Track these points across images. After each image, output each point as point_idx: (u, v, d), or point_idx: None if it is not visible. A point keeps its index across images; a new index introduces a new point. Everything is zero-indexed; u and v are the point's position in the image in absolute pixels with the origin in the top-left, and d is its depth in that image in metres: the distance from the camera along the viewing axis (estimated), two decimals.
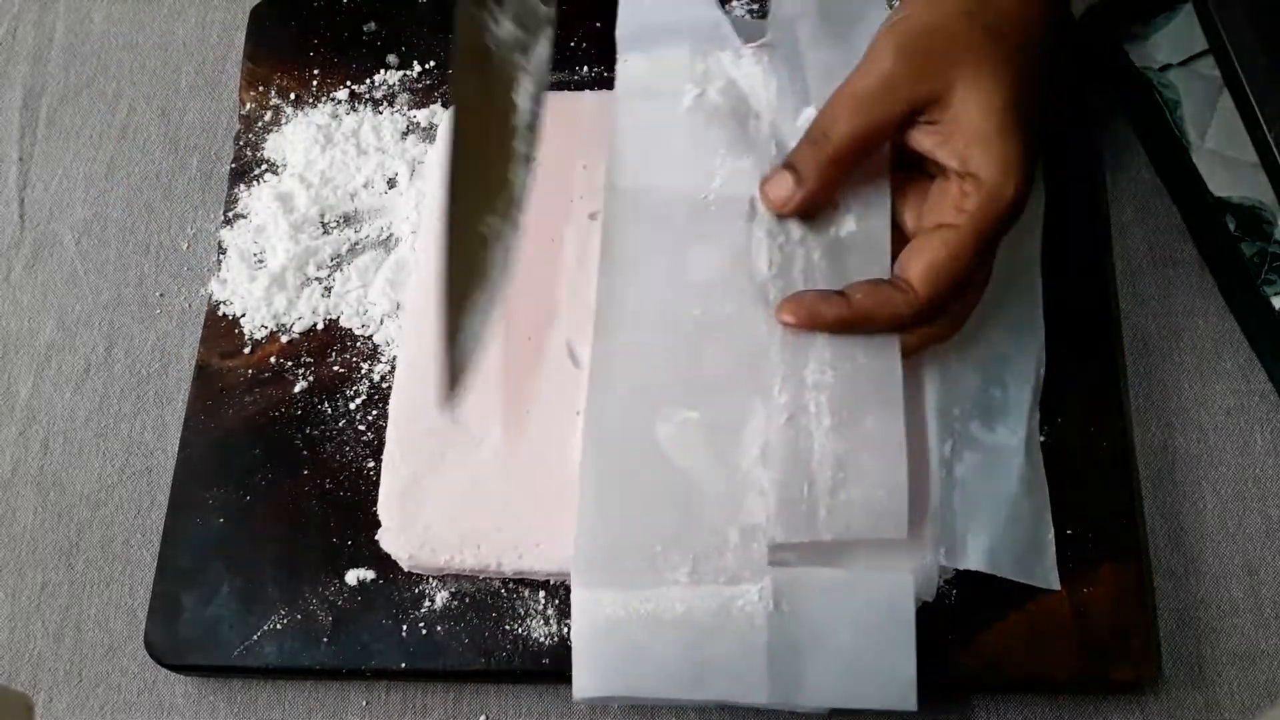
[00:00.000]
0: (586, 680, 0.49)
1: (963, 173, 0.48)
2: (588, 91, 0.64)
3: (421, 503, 0.54)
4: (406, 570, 0.54)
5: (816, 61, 0.55)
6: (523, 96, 0.49)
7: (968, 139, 0.48)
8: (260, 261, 0.62)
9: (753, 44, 0.57)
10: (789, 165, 0.51)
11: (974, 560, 0.51)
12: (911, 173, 0.52)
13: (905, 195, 0.52)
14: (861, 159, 0.50)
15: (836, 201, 0.52)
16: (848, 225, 0.52)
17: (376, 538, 0.54)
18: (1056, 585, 0.53)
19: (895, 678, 0.49)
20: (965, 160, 0.48)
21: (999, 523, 0.52)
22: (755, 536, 0.49)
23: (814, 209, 0.52)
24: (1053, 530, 0.53)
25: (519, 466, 0.55)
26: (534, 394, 0.56)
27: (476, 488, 0.54)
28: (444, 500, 0.54)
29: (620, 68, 0.58)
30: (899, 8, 0.51)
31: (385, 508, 0.54)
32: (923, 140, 0.50)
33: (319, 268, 0.62)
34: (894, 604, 0.49)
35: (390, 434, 0.56)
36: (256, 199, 0.64)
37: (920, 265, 0.49)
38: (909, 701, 0.48)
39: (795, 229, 0.53)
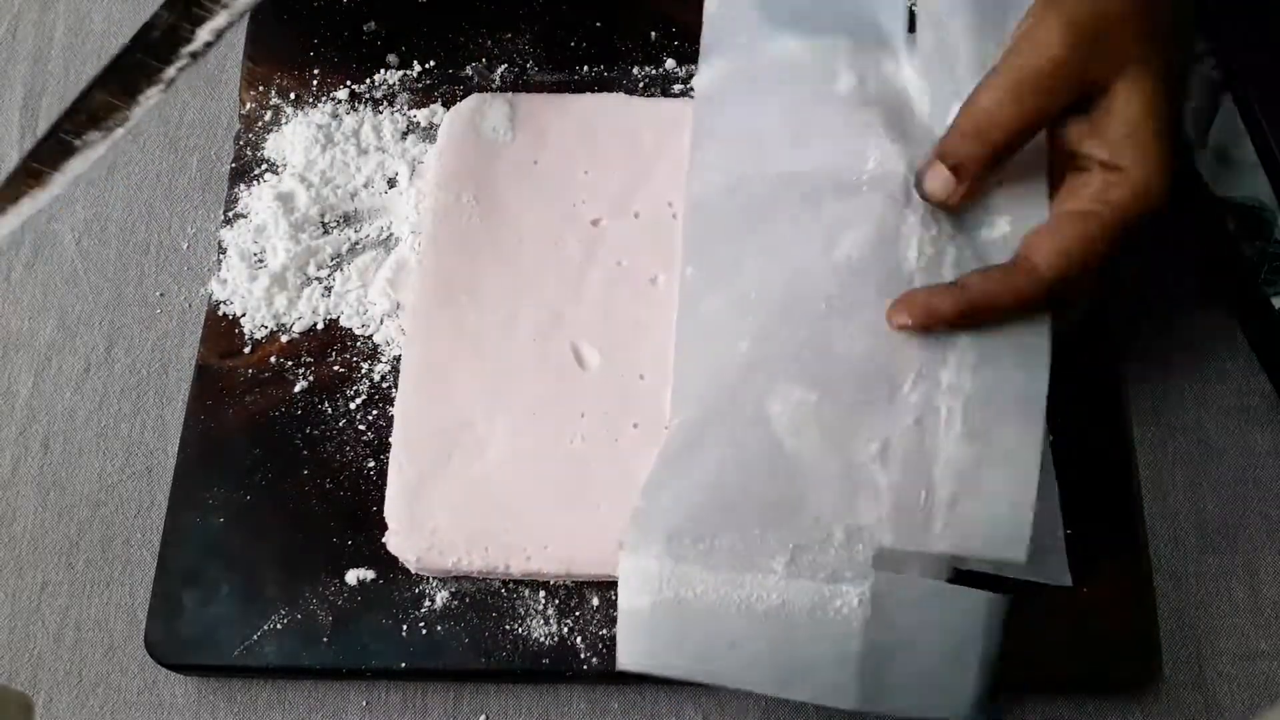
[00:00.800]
0: (643, 651, 0.47)
1: (1110, 165, 0.47)
2: (589, 95, 0.64)
3: (428, 505, 0.54)
4: (414, 572, 0.54)
5: (970, 55, 0.53)
6: (206, 30, 0.46)
7: (1124, 133, 0.46)
8: (260, 261, 0.62)
9: (907, 39, 0.56)
10: (946, 156, 0.49)
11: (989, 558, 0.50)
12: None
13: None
14: (1020, 149, 0.48)
15: (989, 198, 0.51)
16: (1000, 226, 0.50)
17: (383, 540, 0.54)
18: (1068, 581, 0.52)
19: (972, 691, 0.48)
20: (1117, 154, 0.47)
21: None
22: (863, 538, 0.47)
23: (971, 202, 0.50)
24: (1063, 528, 0.53)
25: (525, 468, 0.55)
26: (539, 396, 0.56)
27: (483, 490, 0.54)
28: (451, 502, 0.54)
29: (767, 46, 0.57)
30: None
31: (392, 510, 0.54)
32: (1068, 129, 0.48)
33: (319, 267, 0.62)
34: (988, 618, 0.48)
35: (396, 435, 0.56)
36: (256, 199, 0.64)
37: (1050, 247, 0.47)
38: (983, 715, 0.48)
39: (948, 223, 0.51)
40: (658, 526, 0.48)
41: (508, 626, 0.53)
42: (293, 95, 0.66)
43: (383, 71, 0.67)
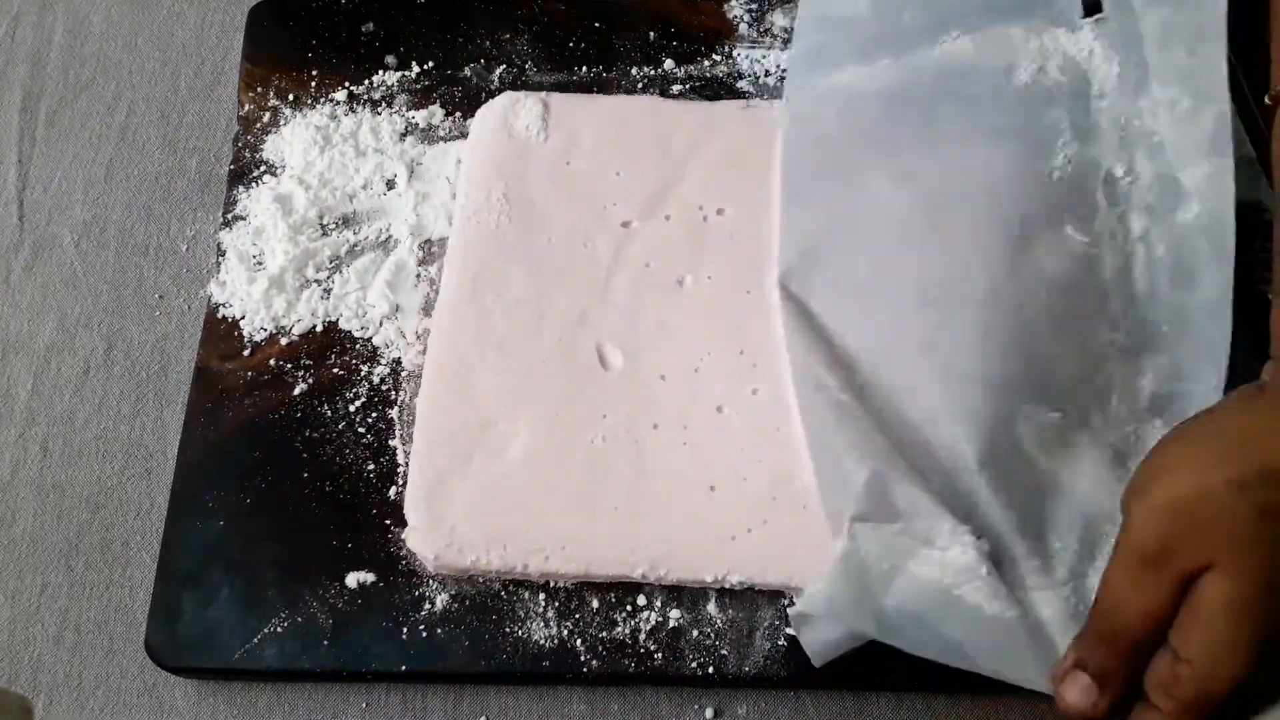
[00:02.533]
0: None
1: (1179, 654, 0.43)
2: (622, 95, 0.65)
3: (449, 503, 0.54)
4: (432, 571, 0.54)
5: (1153, 27, 0.53)
6: None
7: (1196, 623, 0.43)
8: (259, 263, 0.62)
9: (1089, 19, 0.56)
10: (1084, 665, 0.45)
11: None
12: None
13: None
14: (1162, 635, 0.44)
15: (1182, 185, 0.53)
16: (1192, 207, 0.52)
17: (403, 536, 0.54)
18: None
19: None
20: (1184, 643, 0.43)
21: None
22: (1101, 547, 0.49)
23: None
24: None
25: (546, 468, 0.55)
26: (562, 396, 0.56)
27: (504, 489, 0.54)
28: (471, 501, 0.54)
29: (941, 49, 0.58)
30: (1154, 461, 0.45)
31: (412, 507, 0.54)
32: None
33: (318, 270, 0.62)
34: None
35: (418, 432, 0.56)
36: (255, 201, 0.64)
37: None
38: None
39: (1136, 223, 0.53)
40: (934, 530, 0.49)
41: (508, 629, 0.53)
42: (291, 97, 0.66)
43: (381, 73, 0.67)
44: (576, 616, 0.53)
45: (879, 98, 0.59)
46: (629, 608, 0.54)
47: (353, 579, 0.54)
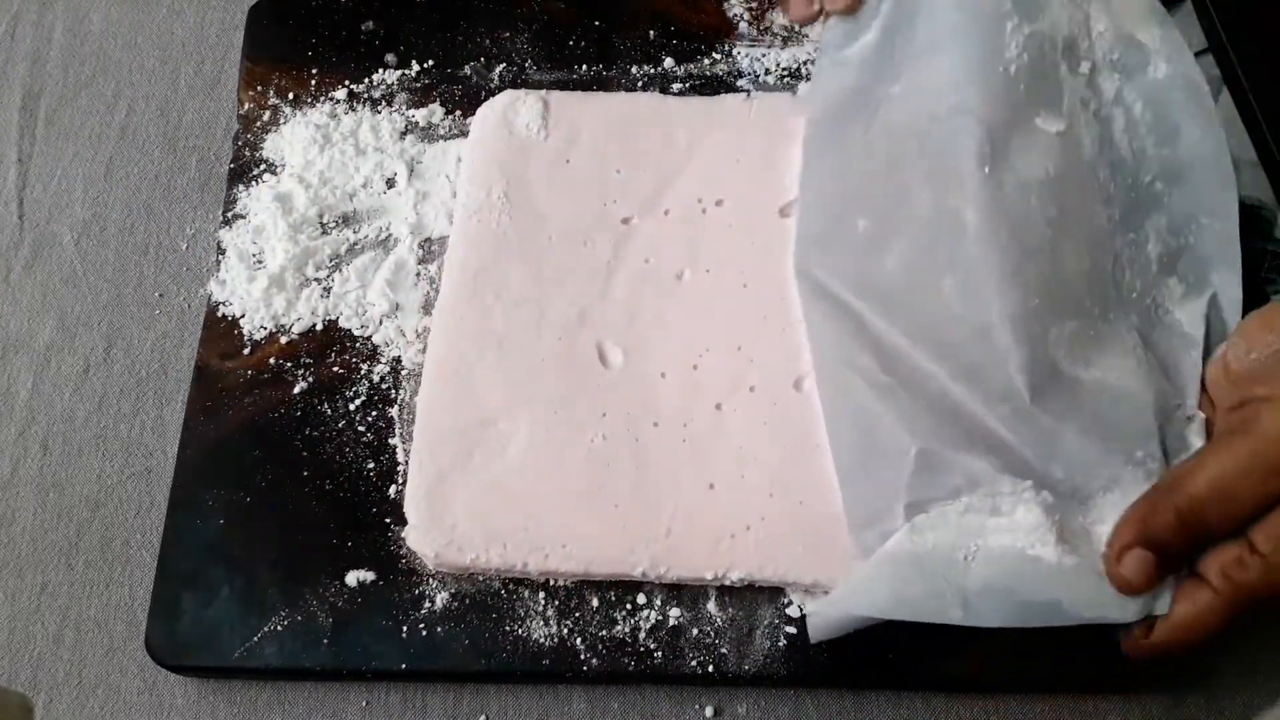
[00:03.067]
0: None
1: (1254, 545, 0.46)
2: (623, 93, 0.65)
3: (449, 501, 0.54)
4: (432, 569, 0.54)
5: None
6: None
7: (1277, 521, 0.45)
8: (259, 262, 0.62)
9: None
10: (1146, 542, 0.47)
11: None
12: None
13: None
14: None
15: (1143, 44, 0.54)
16: (1160, 66, 0.53)
17: (403, 535, 0.54)
18: None
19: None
20: (1265, 539, 0.45)
21: None
22: (1152, 441, 0.50)
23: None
24: None
25: (546, 466, 0.55)
26: (562, 394, 0.56)
27: (503, 487, 0.54)
28: (471, 499, 0.54)
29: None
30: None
31: (412, 505, 0.54)
32: None
33: (318, 268, 0.62)
34: None
35: (418, 431, 0.56)
36: (255, 199, 0.64)
37: (1167, 621, 0.47)
38: None
39: (1108, 85, 0.54)
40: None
41: (507, 627, 0.53)
42: (291, 95, 0.66)
43: (381, 71, 0.67)
44: (576, 615, 0.53)
45: (863, 61, 0.59)
46: (629, 606, 0.54)
47: (352, 577, 0.54)
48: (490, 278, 0.59)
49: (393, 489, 0.56)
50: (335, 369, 0.59)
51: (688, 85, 0.65)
